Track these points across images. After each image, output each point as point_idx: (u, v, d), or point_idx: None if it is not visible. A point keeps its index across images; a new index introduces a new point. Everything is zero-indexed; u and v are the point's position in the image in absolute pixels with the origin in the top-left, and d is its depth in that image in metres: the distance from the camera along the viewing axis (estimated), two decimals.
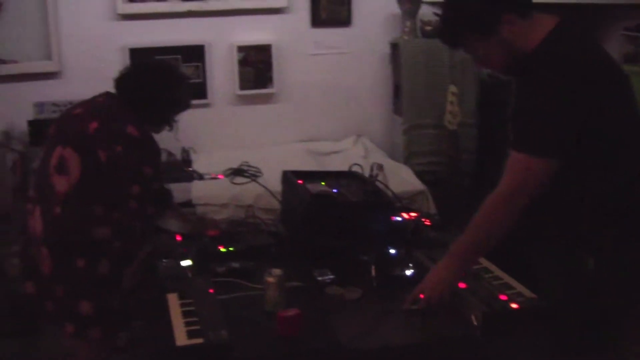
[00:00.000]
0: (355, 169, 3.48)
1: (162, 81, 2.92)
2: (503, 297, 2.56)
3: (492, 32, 2.39)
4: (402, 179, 4.10)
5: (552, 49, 2.37)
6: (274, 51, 4.69)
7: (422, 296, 2.56)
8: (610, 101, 2.39)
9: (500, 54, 2.44)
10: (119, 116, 2.82)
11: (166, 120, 3.00)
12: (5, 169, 3.93)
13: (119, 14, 4.42)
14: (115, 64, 4.17)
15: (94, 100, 2.93)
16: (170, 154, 4.36)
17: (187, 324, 2.42)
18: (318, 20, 4.77)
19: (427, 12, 4.80)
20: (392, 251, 3.00)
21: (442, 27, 2.56)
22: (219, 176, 4.11)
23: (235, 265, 2.96)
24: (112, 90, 2.95)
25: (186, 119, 3.18)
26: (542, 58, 2.36)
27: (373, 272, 2.85)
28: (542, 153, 2.35)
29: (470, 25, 2.41)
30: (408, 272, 2.84)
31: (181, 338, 2.34)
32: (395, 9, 4.73)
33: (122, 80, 2.94)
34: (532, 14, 2.42)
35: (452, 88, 4.25)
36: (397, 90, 4.83)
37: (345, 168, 3.59)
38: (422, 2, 4.70)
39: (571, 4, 3.85)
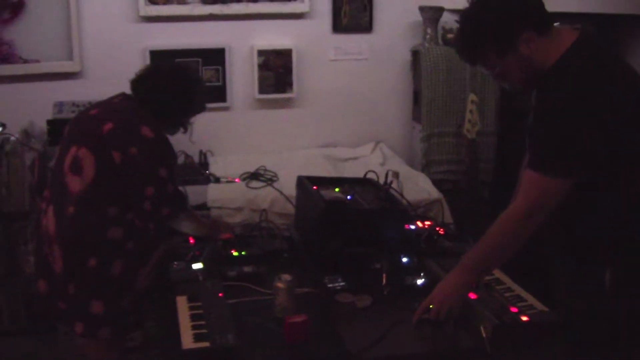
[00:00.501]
0: (370, 176, 3.47)
1: (177, 83, 2.93)
2: (514, 310, 2.53)
3: (511, 49, 2.38)
4: (418, 186, 4.09)
5: (570, 65, 2.35)
6: (294, 56, 4.69)
7: (431, 307, 2.54)
8: (631, 116, 2.35)
9: (519, 71, 2.44)
10: (134, 117, 2.83)
11: (181, 122, 3.01)
12: (23, 167, 3.95)
13: (141, 16, 4.43)
14: (136, 65, 4.14)
15: (110, 101, 2.95)
16: (187, 156, 4.37)
17: (195, 327, 2.42)
18: (339, 26, 4.76)
19: (449, 20, 4.79)
20: (405, 259, 2.98)
21: (461, 43, 2.56)
22: (236, 180, 4.12)
23: (247, 269, 2.96)
24: (129, 91, 2.96)
25: (205, 122, 3.19)
26: (559, 74, 2.35)
27: (384, 280, 2.83)
28: (559, 174, 2.33)
29: (489, 43, 2.41)
30: (419, 282, 2.83)
31: (188, 341, 2.34)
32: (416, 16, 4.72)
33: (138, 82, 2.95)
34: (551, 31, 2.41)
35: (472, 96, 4.21)
36: (416, 98, 4.81)
37: (362, 174, 3.58)
38: (444, 10, 4.69)
39: (600, 15, 3.81)
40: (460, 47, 2.58)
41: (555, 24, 2.48)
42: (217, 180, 4.13)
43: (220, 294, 2.67)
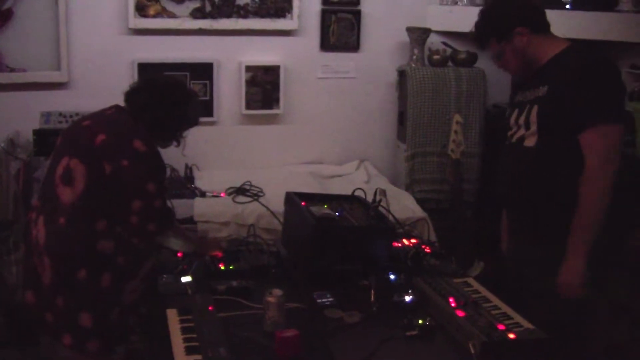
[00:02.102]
0: (358, 193, 3.49)
1: (172, 97, 2.93)
2: (501, 327, 2.56)
3: (507, 40, 2.98)
4: (403, 205, 4.11)
5: (573, 56, 2.91)
6: (282, 72, 4.71)
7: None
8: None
9: (514, 59, 3.01)
10: (126, 130, 2.83)
11: (174, 136, 3.02)
12: (8, 176, 3.94)
13: (130, 28, 4.44)
14: (124, 77, 4.22)
15: (103, 113, 2.95)
16: (173, 169, 4.37)
17: (186, 340, 2.42)
18: (327, 44, 4.80)
19: (436, 41, 4.86)
20: (392, 276, 3.01)
21: (474, 30, 3.13)
22: (221, 194, 4.12)
23: (235, 284, 2.96)
24: (121, 103, 2.96)
25: (191, 136, 3.19)
26: (564, 61, 2.90)
27: (372, 297, 2.85)
28: (617, 119, 2.83)
29: (491, 32, 3.04)
30: (407, 298, 2.85)
31: (180, 354, 2.34)
32: (404, 36, 4.77)
33: (132, 95, 2.95)
34: (546, 32, 3.01)
35: (457, 117, 4.25)
36: (402, 117, 4.85)
37: (347, 192, 3.60)
38: (431, 31, 4.74)
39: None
40: (473, 32, 3.16)
41: None
42: (203, 194, 4.13)
43: (210, 308, 2.67)
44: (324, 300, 2.85)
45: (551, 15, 3.08)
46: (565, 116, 2.82)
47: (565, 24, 3.85)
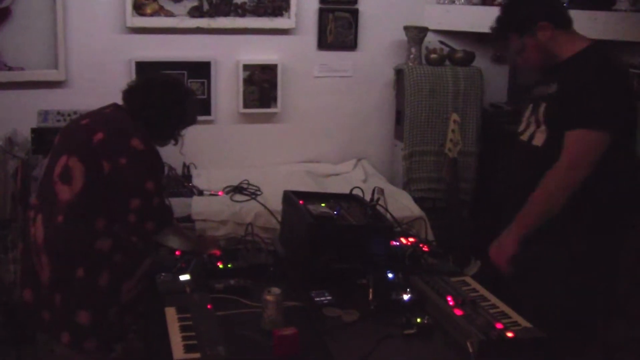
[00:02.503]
0: (356, 192, 3.50)
1: (170, 96, 2.94)
2: (499, 326, 2.57)
3: (529, 33, 2.95)
4: (401, 204, 4.12)
5: (593, 55, 2.91)
6: (279, 71, 4.71)
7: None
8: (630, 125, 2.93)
9: (534, 54, 2.99)
10: (125, 128, 2.83)
11: (172, 134, 3.02)
12: (6, 175, 3.93)
13: (128, 27, 4.43)
14: (121, 76, 4.22)
15: (101, 111, 2.95)
16: (171, 168, 4.36)
17: (185, 338, 2.43)
18: (324, 43, 4.80)
19: (433, 40, 4.86)
20: (390, 275, 3.01)
21: (493, 23, 3.09)
22: (219, 193, 4.12)
23: (233, 282, 2.97)
24: (119, 102, 2.97)
25: (189, 134, 3.19)
26: (583, 60, 2.89)
27: (370, 296, 2.86)
28: (602, 126, 2.79)
29: (513, 25, 3.01)
30: (405, 297, 2.85)
31: (178, 352, 2.34)
32: (401, 35, 4.77)
33: (130, 93, 2.95)
34: (569, 28, 3.01)
35: (454, 116, 4.27)
36: (399, 116, 4.86)
37: (344, 191, 3.61)
38: (428, 30, 4.74)
39: None
40: (494, 27, 3.10)
41: None
42: (201, 193, 4.13)
43: (208, 306, 2.67)
44: (322, 298, 2.86)
45: None
46: (568, 116, 2.82)
47: None
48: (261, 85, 4.72)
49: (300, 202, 3.26)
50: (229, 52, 4.67)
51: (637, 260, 3.47)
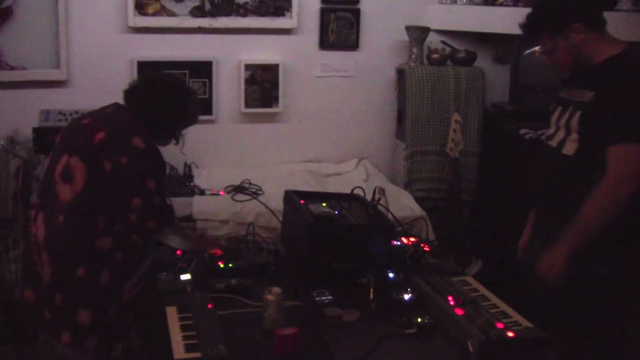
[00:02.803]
0: (357, 192, 3.50)
1: (171, 95, 2.93)
2: (500, 325, 2.57)
3: (562, 34, 2.82)
4: (402, 203, 4.12)
5: (629, 61, 2.79)
6: (281, 71, 4.71)
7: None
8: None
9: (566, 56, 2.86)
10: (126, 127, 2.83)
11: (173, 134, 3.01)
12: (8, 174, 3.94)
13: (130, 27, 4.43)
14: (123, 76, 4.22)
15: (102, 111, 2.95)
16: (172, 168, 4.37)
17: (185, 337, 2.43)
18: (326, 42, 4.80)
19: (435, 40, 4.86)
20: (391, 275, 3.01)
21: (525, 21, 2.96)
22: (220, 193, 4.13)
23: (234, 281, 2.97)
24: (121, 101, 2.97)
25: (190, 134, 3.19)
26: (618, 67, 2.77)
27: (371, 295, 2.86)
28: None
29: (546, 25, 2.87)
30: (406, 297, 2.86)
31: (179, 351, 2.35)
32: (403, 35, 4.77)
33: (131, 93, 2.95)
34: (603, 31, 2.87)
35: (456, 116, 4.27)
36: (400, 116, 4.86)
37: (346, 190, 3.61)
38: (430, 30, 4.74)
39: None
40: (525, 24, 2.96)
41: None
42: (202, 192, 4.14)
43: (209, 305, 2.68)
44: (322, 298, 2.86)
45: None
46: (606, 128, 2.71)
47: None
48: (263, 85, 4.72)
49: (301, 201, 3.26)
50: (231, 51, 4.67)
51: None
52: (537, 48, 2.95)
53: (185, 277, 2.97)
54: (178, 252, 3.20)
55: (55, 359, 2.98)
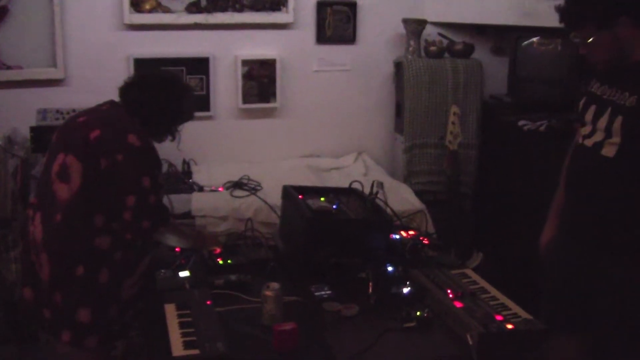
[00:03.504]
0: (355, 186, 3.49)
1: (166, 91, 2.93)
2: (499, 318, 2.57)
3: (607, 27, 2.61)
4: (401, 197, 4.11)
5: None
6: (278, 66, 4.70)
7: None
8: None
9: (608, 50, 2.66)
10: (121, 125, 2.82)
11: (169, 130, 3.01)
12: (6, 174, 3.93)
13: (126, 24, 4.42)
14: (120, 73, 4.19)
15: (98, 109, 2.95)
16: (171, 164, 4.37)
17: (184, 334, 2.43)
18: (323, 37, 4.79)
19: (432, 33, 4.85)
20: (390, 269, 3.01)
21: (566, 7, 2.73)
22: (219, 189, 4.12)
23: (233, 277, 2.97)
24: (117, 99, 2.96)
25: (188, 130, 3.19)
26: None
27: (370, 289, 2.86)
28: None
29: (591, 16, 2.63)
30: (405, 290, 2.85)
31: (177, 348, 2.35)
32: (400, 28, 4.76)
33: (126, 90, 2.95)
34: None
35: (454, 108, 4.25)
36: (399, 109, 4.85)
37: (345, 185, 3.60)
38: (427, 23, 4.73)
39: None
40: (565, 10, 2.74)
41: None
42: (201, 189, 4.13)
43: (208, 302, 2.68)
44: (321, 293, 2.87)
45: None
46: None
47: None
48: (260, 80, 4.71)
49: (300, 196, 3.26)
50: (228, 47, 4.65)
51: None
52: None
53: (184, 274, 2.97)
54: (177, 249, 3.19)
55: (56, 358, 2.99)
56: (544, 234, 3.10)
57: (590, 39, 2.65)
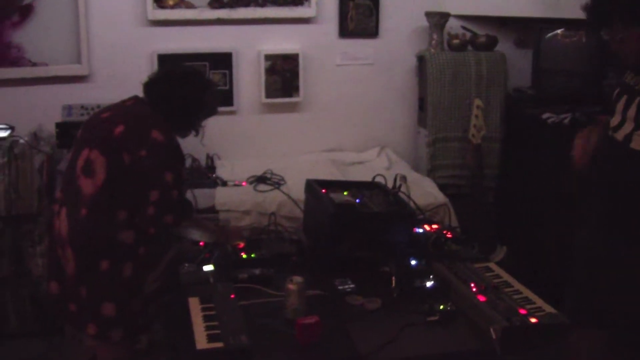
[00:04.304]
0: (379, 179, 3.49)
1: (190, 86, 2.94)
2: (523, 312, 2.56)
3: (635, 24, 2.58)
4: (424, 191, 4.10)
5: None
6: (301, 60, 4.70)
7: None
8: None
9: (637, 45, 2.62)
10: (145, 120, 2.84)
11: (193, 125, 3.02)
12: (32, 170, 3.98)
13: (149, 20, 4.45)
14: (144, 69, 4.24)
15: (122, 104, 2.97)
16: (194, 159, 4.39)
17: (208, 327, 2.45)
18: (346, 31, 4.78)
19: (455, 26, 4.82)
20: (413, 262, 3.01)
21: (593, 6, 2.72)
22: (242, 183, 4.13)
23: (257, 271, 2.98)
24: (141, 94, 2.98)
25: (212, 125, 3.20)
26: None
27: (393, 283, 2.86)
28: None
29: (619, 12, 2.62)
30: (428, 284, 2.85)
31: (201, 341, 2.37)
32: (422, 21, 4.74)
33: (150, 85, 2.96)
34: None
35: (478, 102, 4.23)
36: (422, 103, 4.83)
37: (368, 179, 3.60)
38: (450, 16, 4.71)
39: None
40: (592, 10, 2.74)
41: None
42: (224, 183, 4.15)
43: (232, 296, 2.70)
44: (344, 286, 2.87)
45: None
46: None
47: None
48: (283, 74, 4.72)
49: (323, 190, 3.26)
50: (250, 42, 4.66)
51: None
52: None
53: (208, 268, 2.98)
54: (201, 243, 3.21)
55: (82, 351, 3.02)
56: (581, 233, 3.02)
57: (620, 37, 2.64)
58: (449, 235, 3.37)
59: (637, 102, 2.64)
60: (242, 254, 3.16)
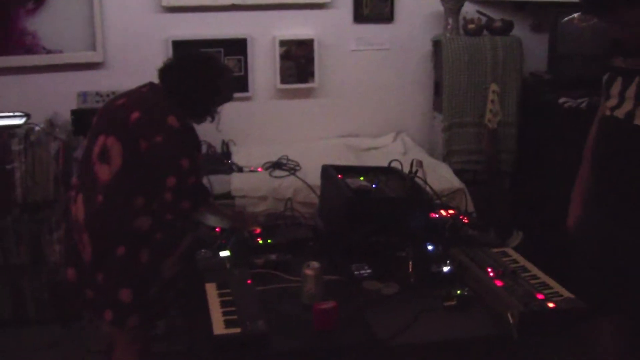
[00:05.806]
0: (395, 165, 3.48)
1: (205, 72, 2.94)
2: (540, 297, 2.55)
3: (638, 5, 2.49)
4: (440, 176, 4.09)
5: None
6: (316, 46, 4.69)
7: None
8: None
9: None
10: (160, 107, 2.84)
11: (208, 111, 3.02)
12: (48, 157, 3.99)
13: (164, 6, 4.44)
14: (159, 55, 4.22)
15: (137, 91, 2.97)
16: (210, 146, 4.40)
17: (225, 313, 2.45)
18: (360, 16, 4.76)
19: (471, 10, 4.80)
20: (430, 247, 3.00)
21: None
22: (258, 169, 4.14)
23: (273, 257, 2.98)
24: (156, 81, 2.98)
25: (227, 112, 3.20)
26: None
27: (410, 268, 2.85)
28: None
29: None
30: (445, 269, 2.84)
31: (219, 327, 2.37)
32: (438, 6, 4.71)
33: (165, 71, 2.96)
34: None
35: (494, 86, 4.22)
36: (437, 88, 4.81)
37: (384, 164, 3.59)
38: (465, 0, 4.68)
39: None
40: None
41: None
42: (240, 169, 4.15)
43: (248, 281, 2.70)
44: (361, 272, 2.86)
45: None
46: None
47: None
48: (298, 60, 4.70)
49: (339, 176, 3.25)
50: (265, 28, 4.66)
51: None
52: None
53: (225, 253, 2.98)
54: (217, 229, 3.21)
55: (99, 337, 3.03)
56: (571, 215, 3.07)
57: (624, 19, 2.56)
58: (465, 221, 3.35)
59: (637, 82, 2.62)
60: (258, 239, 3.16)
